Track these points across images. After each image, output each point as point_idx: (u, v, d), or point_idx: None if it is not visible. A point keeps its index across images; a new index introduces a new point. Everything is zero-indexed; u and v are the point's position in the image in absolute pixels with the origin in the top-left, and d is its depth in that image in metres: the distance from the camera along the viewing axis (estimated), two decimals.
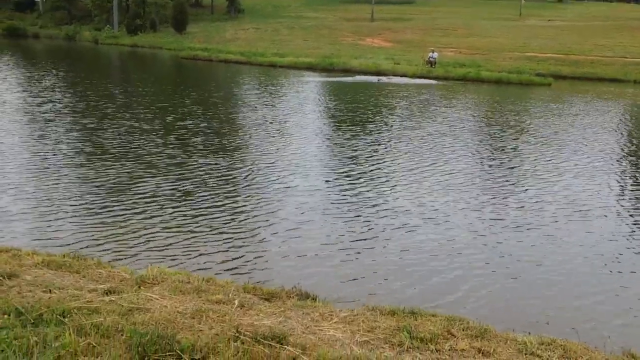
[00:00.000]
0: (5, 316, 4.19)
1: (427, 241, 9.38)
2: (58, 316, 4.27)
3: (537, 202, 11.64)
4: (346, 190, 11.98)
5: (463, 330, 5.08)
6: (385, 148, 15.90)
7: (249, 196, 11.32)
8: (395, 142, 16.64)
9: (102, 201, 10.58)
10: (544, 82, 34.71)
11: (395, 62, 40.11)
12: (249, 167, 13.49)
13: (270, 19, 69.19)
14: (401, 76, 35.60)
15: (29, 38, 66.65)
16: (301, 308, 5.37)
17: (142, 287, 5.49)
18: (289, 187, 12.03)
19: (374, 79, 34.11)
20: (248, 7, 78.46)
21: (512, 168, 14.43)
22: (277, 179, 12.54)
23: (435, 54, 38.65)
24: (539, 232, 9.96)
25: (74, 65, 38.62)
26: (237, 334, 4.23)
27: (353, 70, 37.77)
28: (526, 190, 12.47)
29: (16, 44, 55.78)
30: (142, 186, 11.54)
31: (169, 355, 3.82)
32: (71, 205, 10.27)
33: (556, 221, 10.55)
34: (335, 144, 16.36)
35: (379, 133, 17.98)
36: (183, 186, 11.67)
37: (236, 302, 5.26)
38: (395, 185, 12.39)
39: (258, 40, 54.54)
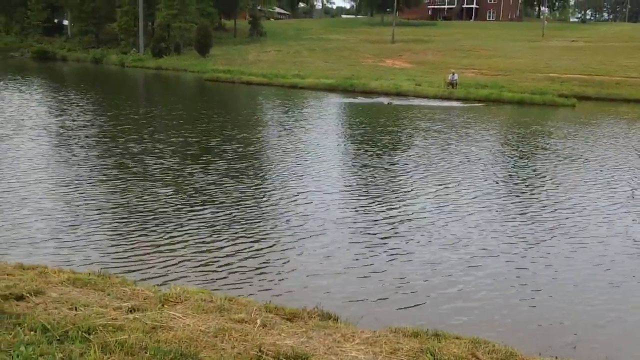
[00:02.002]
0: (32, 332, 4.24)
1: (451, 263, 9.29)
2: (83, 333, 4.31)
3: (566, 224, 11.44)
4: (368, 210, 11.95)
5: (488, 353, 5.00)
6: (408, 169, 15.85)
7: (270, 216, 11.35)
8: (417, 164, 16.58)
9: (126, 220, 10.69)
10: (568, 103, 34.41)
11: (416, 83, 40.19)
12: (270, 186, 13.55)
13: (291, 41, 69.92)
14: (423, 97, 35.66)
15: (57, 61, 68.28)
16: (323, 328, 5.35)
17: (165, 306, 5.52)
18: (311, 207, 12.03)
19: (386, 100, 34.05)
20: (270, 30, 79.48)
21: (537, 189, 14.26)
22: (300, 199, 12.56)
23: (456, 76, 38.66)
24: (566, 255, 9.79)
25: (101, 88, 39.40)
26: (259, 354, 4.23)
27: (373, 91, 37.92)
28: (554, 211, 12.30)
29: (45, 67, 57.13)
30: (165, 206, 11.65)
31: None
32: (96, 225, 10.40)
33: (585, 244, 10.37)
34: (358, 164, 16.38)
35: (401, 154, 17.95)
36: (205, 206, 11.74)
37: (258, 321, 5.26)
38: (419, 207, 12.31)
39: (279, 62, 55.11)
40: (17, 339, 4.07)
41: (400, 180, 14.61)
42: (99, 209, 11.29)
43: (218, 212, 11.37)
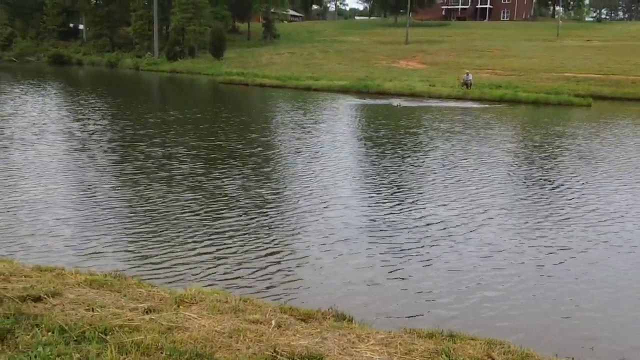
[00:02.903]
0: (49, 333, 4.28)
1: (467, 264, 9.25)
2: (100, 334, 4.34)
3: (582, 226, 11.36)
4: (383, 211, 11.94)
5: (504, 354, 4.97)
6: (426, 170, 15.83)
7: (285, 217, 11.38)
8: (435, 165, 16.55)
9: (141, 222, 10.78)
10: (584, 103, 34.12)
11: (430, 84, 40.09)
12: (286, 188, 13.59)
13: (305, 44, 70.02)
14: (437, 98, 35.52)
15: (73, 65, 68.95)
16: (337, 329, 5.35)
17: (181, 307, 5.56)
18: (326, 208, 12.05)
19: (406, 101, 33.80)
20: (283, 33, 79.68)
21: (558, 190, 14.15)
22: (314, 200, 12.58)
23: (470, 76, 38.49)
24: (583, 257, 9.70)
25: (118, 92, 39.77)
26: (274, 354, 4.24)
27: (387, 92, 37.86)
28: (570, 213, 12.19)
29: (62, 71, 57.74)
30: (180, 208, 11.72)
31: None
32: (113, 227, 10.49)
33: (600, 245, 10.29)
34: (373, 165, 16.38)
35: (419, 155, 17.92)
36: (220, 207, 11.81)
37: (273, 322, 5.27)
38: (436, 207, 12.27)
39: (293, 64, 55.22)
40: (35, 339, 4.12)
41: (421, 183, 14.58)
42: (117, 212, 11.38)
43: (234, 214, 11.42)
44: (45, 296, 5.27)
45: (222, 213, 11.45)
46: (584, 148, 20.02)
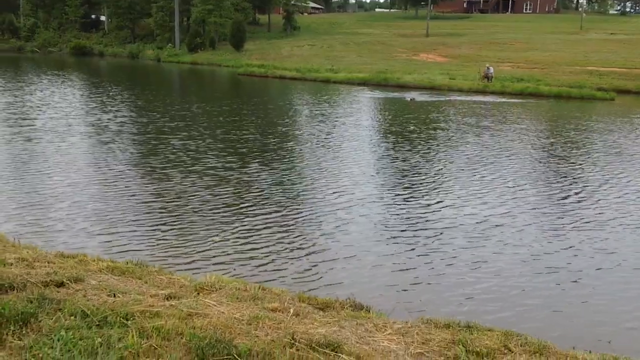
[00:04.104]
0: (72, 318, 4.36)
1: (484, 255, 9.22)
2: (121, 319, 4.42)
3: (602, 219, 11.24)
4: (401, 202, 11.93)
5: (521, 345, 4.97)
6: (442, 163, 15.76)
7: (304, 207, 11.43)
8: (452, 158, 16.48)
9: (163, 212, 10.91)
10: (607, 97, 33.59)
11: (450, 77, 39.79)
12: (305, 179, 13.64)
13: (325, 36, 69.90)
14: (457, 91, 35.23)
15: (94, 56, 69.58)
16: (355, 318, 5.39)
17: (200, 294, 5.63)
18: (344, 198, 12.08)
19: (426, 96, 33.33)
20: (304, 25, 79.57)
21: (576, 183, 14.02)
22: (333, 191, 12.61)
23: (492, 69, 38.11)
24: (601, 251, 9.63)
25: (142, 83, 40.15)
26: (292, 341, 4.29)
27: (407, 85, 37.64)
28: (591, 207, 12.08)
29: (84, 62, 58.33)
30: (199, 197, 11.84)
31: (227, 358, 3.92)
32: (134, 216, 10.63)
33: (621, 239, 10.19)
34: (391, 157, 16.35)
35: (436, 148, 17.84)
36: (240, 198, 11.89)
37: (291, 310, 5.33)
38: (453, 199, 12.25)
39: (313, 56, 55.16)
40: (58, 323, 4.20)
41: (436, 173, 14.53)
42: (141, 202, 11.54)
43: (254, 204, 11.50)
44: (68, 282, 5.37)
45: (243, 205, 11.53)
46: (622, 143, 19.60)
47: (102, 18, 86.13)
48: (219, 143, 17.69)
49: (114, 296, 5.10)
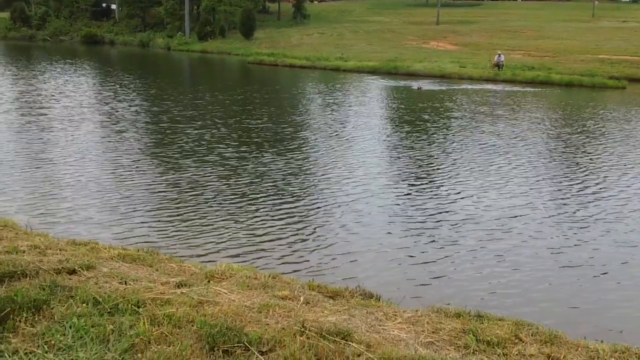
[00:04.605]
0: (84, 305, 4.39)
1: (495, 245, 9.20)
2: (133, 306, 4.45)
3: (615, 210, 11.14)
4: (412, 192, 11.91)
5: (532, 335, 4.96)
6: (458, 152, 15.66)
7: (314, 197, 11.45)
8: (468, 147, 16.38)
9: (174, 200, 10.96)
10: (619, 85, 33.22)
11: (460, 65, 39.50)
12: (316, 169, 13.64)
13: (335, 24, 69.55)
14: (467, 79, 34.95)
15: (105, 45, 69.63)
16: (365, 307, 5.39)
17: (211, 282, 5.66)
18: (355, 188, 12.08)
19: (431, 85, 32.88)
20: (313, 13, 79.16)
21: (590, 173, 13.88)
22: (344, 181, 12.61)
23: (502, 57, 37.78)
24: (614, 241, 9.58)
25: (154, 72, 40.21)
26: (302, 329, 4.30)
27: (417, 74, 37.39)
28: (604, 197, 11.97)
29: (95, 51, 58.39)
30: (211, 186, 11.88)
31: (237, 346, 3.93)
32: (146, 204, 10.70)
33: (633, 230, 10.12)
34: (406, 147, 16.29)
35: (446, 138, 17.75)
36: (251, 187, 11.92)
37: (301, 298, 5.34)
38: (470, 190, 12.18)
39: (323, 44, 54.92)
40: (70, 310, 4.23)
41: (447, 163, 14.47)
42: (147, 189, 11.62)
43: (265, 194, 11.53)
44: (80, 269, 5.40)
45: (250, 193, 11.55)
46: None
47: (113, 7, 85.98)
48: (232, 132, 17.70)
49: (125, 284, 5.13)
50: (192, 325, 4.20)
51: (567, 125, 20.78)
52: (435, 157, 15.08)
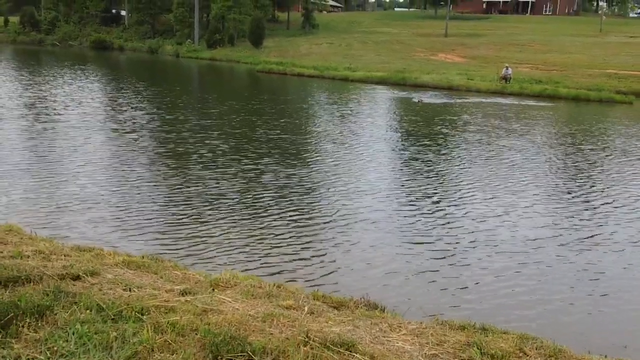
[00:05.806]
0: (87, 311, 4.37)
1: (500, 258, 9.17)
2: (137, 313, 4.42)
3: (620, 224, 11.14)
4: (417, 204, 11.88)
5: (536, 349, 4.93)
6: (460, 165, 15.66)
7: (320, 206, 11.43)
8: (470, 160, 16.37)
9: (179, 207, 10.96)
10: (625, 100, 33.19)
11: (468, 77, 39.52)
12: (322, 178, 13.63)
13: (343, 34, 69.75)
14: (475, 92, 34.93)
15: (114, 50, 70.00)
16: (369, 318, 5.37)
17: (215, 290, 5.64)
18: (360, 199, 12.06)
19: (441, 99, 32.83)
20: (322, 23, 79.44)
21: (599, 188, 13.84)
22: (350, 191, 12.60)
23: (510, 70, 37.80)
24: (623, 259, 9.51)
25: (165, 79, 40.33)
26: (306, 339, 4.27)
27: (425, 85, 37.44)
28: (609, 211, 11.95)
29: (104, 56, 58.71)
30: (216, 194, 11.88)
31: (241, 355, 3.91)
32: (151, 211, 10.70)
33: (637, 242, 10.07)
34: (409, 158, 16.27)
35: (454, 150, 17.73)
36: (256, 196, 11.92)
37: (306, 308, 5.32)
38: (470, 201, 12.18)
39: (331, 54, 55.07)
40: (73, 317, 4.21)
41: (454, 175, 14.44)
42: (152, 196, 11.63)
43: (271, 202, 11.53)
44: (84, 275, 5.39)
45: (255, 201, 11.56)
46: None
47: (123, 13, 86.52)
48: (235, 140, 17.70)
49: (130, 290, 5.11)
50: (196, 334, 4.18)
51: (586, 141, 20.30)
52: (451, 171, 15.02)
